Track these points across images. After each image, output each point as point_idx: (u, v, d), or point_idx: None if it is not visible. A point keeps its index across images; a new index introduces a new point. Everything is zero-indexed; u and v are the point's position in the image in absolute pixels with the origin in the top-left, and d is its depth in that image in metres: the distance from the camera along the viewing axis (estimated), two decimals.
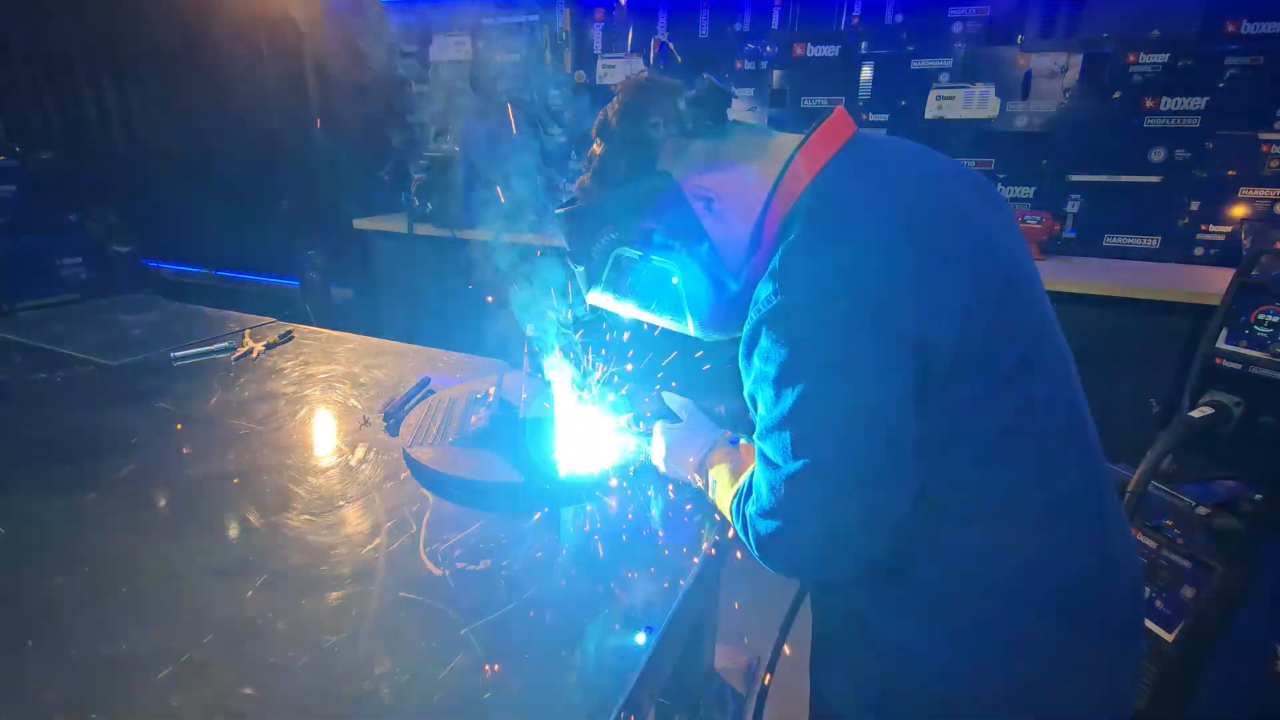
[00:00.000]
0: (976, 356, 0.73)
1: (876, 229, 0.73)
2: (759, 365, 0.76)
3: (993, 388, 0.74)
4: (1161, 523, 1.48)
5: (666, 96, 0.89)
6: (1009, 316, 0.75)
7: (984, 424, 0.75)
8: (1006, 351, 0.74)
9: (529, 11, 3.90)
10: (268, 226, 4.57)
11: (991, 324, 0.73)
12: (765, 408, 0.76)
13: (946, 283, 0.72)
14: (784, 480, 0.74)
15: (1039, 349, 0.78)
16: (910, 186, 0.79)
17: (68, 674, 0.78)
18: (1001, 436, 0.75)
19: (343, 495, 1.14)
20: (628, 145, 0.90)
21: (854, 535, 0.75)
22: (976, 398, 0.74)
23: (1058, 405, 0.79)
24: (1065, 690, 0.81)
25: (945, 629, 0.80)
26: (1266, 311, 1.49)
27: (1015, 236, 0.86)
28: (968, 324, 0.72)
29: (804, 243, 0.74)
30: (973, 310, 0.72)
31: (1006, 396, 0.74)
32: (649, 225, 0.90)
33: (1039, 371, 0.77)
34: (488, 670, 0.77)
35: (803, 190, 0.79)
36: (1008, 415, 0.75)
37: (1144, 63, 2.77)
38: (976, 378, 0.73)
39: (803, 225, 0.75)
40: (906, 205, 0.76)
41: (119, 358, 1.77)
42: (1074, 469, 0.79)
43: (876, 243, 0.72)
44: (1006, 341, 0.74)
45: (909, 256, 0.72)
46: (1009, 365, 0.74)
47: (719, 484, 0.99)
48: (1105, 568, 0.81)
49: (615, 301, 0.98)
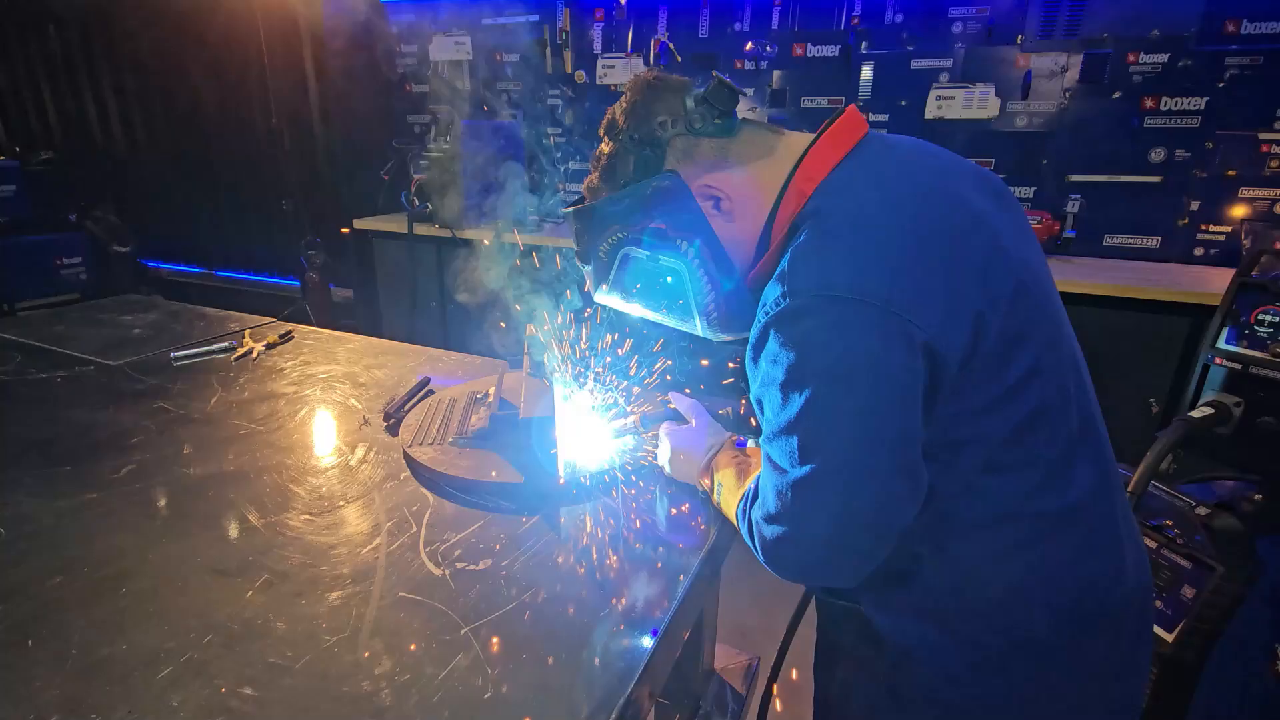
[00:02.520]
0: (986, 362, 0.72)
1: (885, 232, 0.73)
2: (766, 368, 0.75)
3: (1002, 393, 0.73)
4: (1161, 523, 1.48)
5: (674, 95, 0.88)
6: (1020, 321, 0.74)
7: (993, 429, 0.74)
8: (1017, 356, 0.73)
9: (529, 11, 3.90)
10: (268, 226, 4.57)
11: (1002, 329, 0.72)
12: (772, 411, 0.76)
13: (956, 287, 0.71)
14: (790, 485, 0.73)
15: (1050, 353, 0.77)
16: (921, 189, 0.78)
17: (68, 674, 0.78)
18: (1011, 442, 0.74)
19: (343, 495, 1.14)
20: (635, 144, 0.89)
21: (861, 540, 0.74)
22: (986, 403, 0.73)
23: (1068, 410, 0.78)
24: (1074, 698, 0.80)
25: (952, 634, 0.79)
26: (1266, 311, 1.49)
27: (1028, 238, 0.85)
28: (978, 329, 0.71)
29: (813, 245, 0.73)
30: (983, 315, 0.71)
31: (1016, 402, 0.74)
32: (656, 224, 0.89)
33: (1050, 376, 0.76)
34: (488, 670, 0.77)
35: (812, 192, 0.78)
36: (1017, 421, 0.74)
37: (1144, 63, 2.77)
38: (986, 383, 0.73)
39: (811, 227, 0.75)
40: (916, 208, 0.75)
41: (119, 358, 1.77)
42: (1085, 475, 0.78)
43: (885, 246, 0.72)
44: (1017, 346, 0.73)
45: (918, 260, 0.71)
46: (1020, 371, 0.73)
47: (725, 487, 0.98)
48: (1116, 576, 0.80)
49: (623, 301, 0.98)
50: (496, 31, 4.02)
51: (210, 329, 2.01)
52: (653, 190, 0.88)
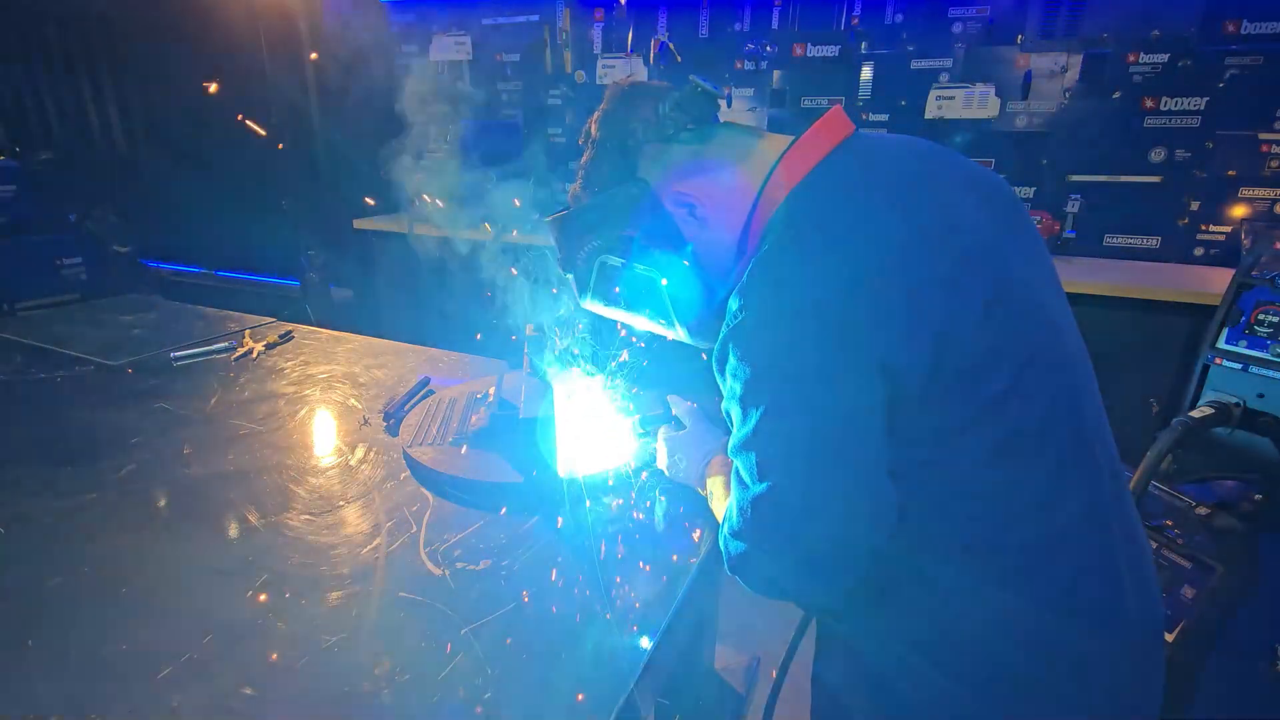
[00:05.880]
0: (953, 381, 0.68)
1: (847, 244, 0.69)
2: (729, 382, 0.74)
3: (976, 412, 0.69)
4: (1161, 523, 1.48)
5: (648, 102, 0.87)
6: (995, 336, 0.69)
7: (967, 450, 0.70)
8: (992, 374, 0.69)
9: (529, 11, 3.90)
10: (268, 226, 4.57)
11: (971, 346, 0.68)
12: (735, 425, 0.74)
13: (918, 302, 0.67)
14: (750, 501, 0.71)
15: (1034, 371, 0.71)
16: (893, 196, 0.73)
17: (68, 674, 0.78)
18: (983, 466, 0.70)
19: (343, 495, 1.14)
20: (608, 153, 0.89)
21: (825, 561, 0.71)
22: (958, 423, 0.69)
23: (1057, 433, 0.72)
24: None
25: (935, 662, 0.75)
26: (1266, 311, 1.49)
27: (1025, 246, 0.80)
28: (941, 348, 0.67)
29: (772, 256, 0.71)
30: (948, 334, 0.67)
31: (992, 422, 0.69)
32: (629, 232, 0.89)
33: (1034, 396, 0.70)
34: (488, 670, 0.77)
35: (784, 198, 0.76)
36: (994, 442, 0.69)
37: (1144, 63, 2.77)
38: (957, 401, 0.69)
39: (775, 237, 0.72)
40: (884, 217, 0.71)
41: (119, 358, 1.77)
42: (1075, 500, 0.72)
43: (845, 258, 0.68)
44: (992, 365, 0.69)
45: (878, 273, 0.67)
46: (996, 388, 0.68)
47: (714, 495, 0.98)
48: (1111, 604, 0.74)
49: (606, 308, 0.98)
50: (496, 31, 4.02)
51: (210, 329, 2.01)
52: (624, 198, 0.88)
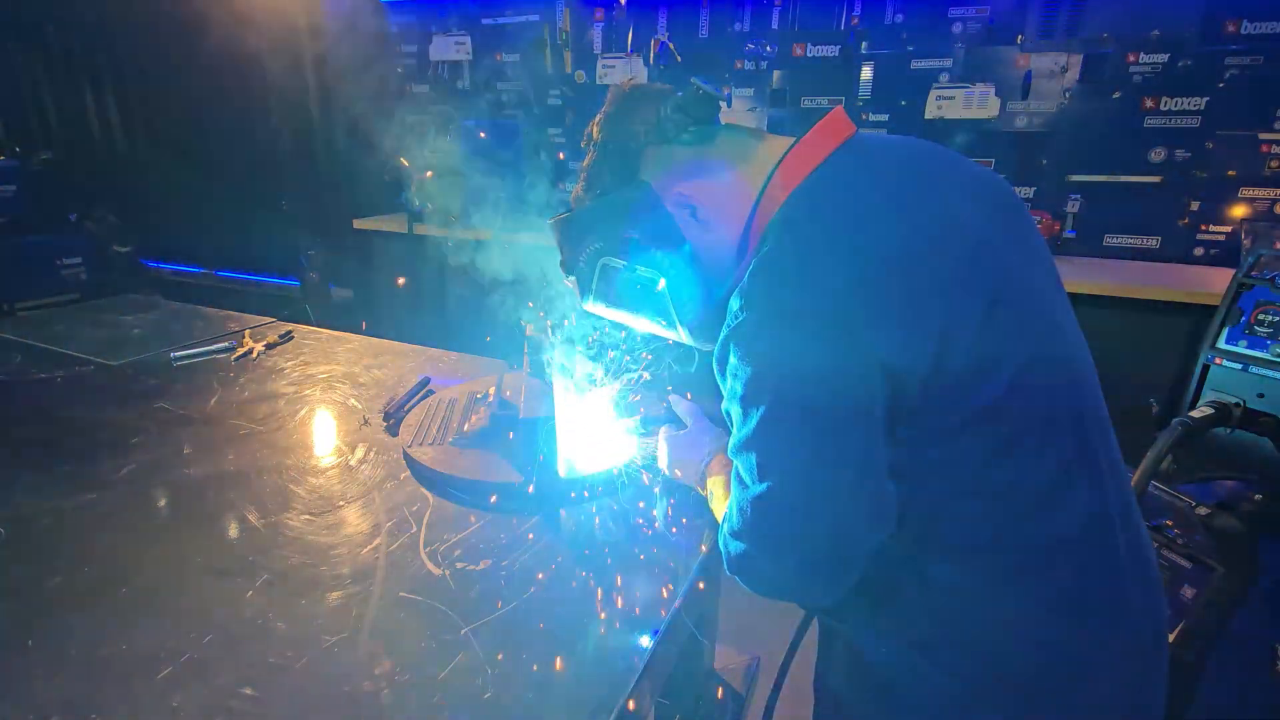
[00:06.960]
0: (954, 382, 0.68)
1: (847, 244, 0.70)
2: (729, 382, 0.74)
3: (976, 413, 0.69)
4: (1161, 523, 1.48)
5: (649, 104, 0.87)
6: (997, 338, 0.70)
7: (963, 454, 0.70)
8: (993, 375, 0.69)
9: (529, 11, 3.90)
10: (267, 226, 4.57)
11: (972, 347, 0.68)
12: (736, 425, 0.74)
13: (919, 303, 0.68)
14: (750, 502, 0.71)
15: (1035, 373, 0.71)
16: (896, 198, 0.74)
17: (68, 674, 0.78)
18: (984, 468, 0.70)
19: (343, 495, 1.14)
20: (609, 155, 0.89)
21: (824, 561, 0.71)
22: (958, 423, 0.69)
23: (1059, 435, 0.72)
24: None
25: (937, 663, 0.75)
26: (1266, 311, 1.49)
27: (1024, 245, 0.80)
28: (943, 349, 0.67)
29: (773, 257, 0.71)
30: (949, 334, 0.67)
31: (994, 423, 0.69)
32: (630, 235, 0.89)
33: (1035, 397, 0.71)
34: (488, 670, 0.77)
35: (785, 199, 0.77)
36: (995, 443, 0.69)
37: (1144, 63, 2.77)
38: (957, 402, 0.69)
39: (775, 238, 0.73)
40: (884, 219, 0.72)
41: (119, 358, 1.77)
42: (1078, 503, 0.72)
43: (845, 259, 0.69)
44: (993, 365, 0.69)
45: (878, 274, 0.68)
46: (996, 390, 0.69)
47: (714, 496, 0.98)
48: (1115, 604, 0.74)
49: (608, 310, 0.98)
50: (496, 31, 4.02)
51: (210, 329, 2.01)
52: (624, 200, 0.88)
